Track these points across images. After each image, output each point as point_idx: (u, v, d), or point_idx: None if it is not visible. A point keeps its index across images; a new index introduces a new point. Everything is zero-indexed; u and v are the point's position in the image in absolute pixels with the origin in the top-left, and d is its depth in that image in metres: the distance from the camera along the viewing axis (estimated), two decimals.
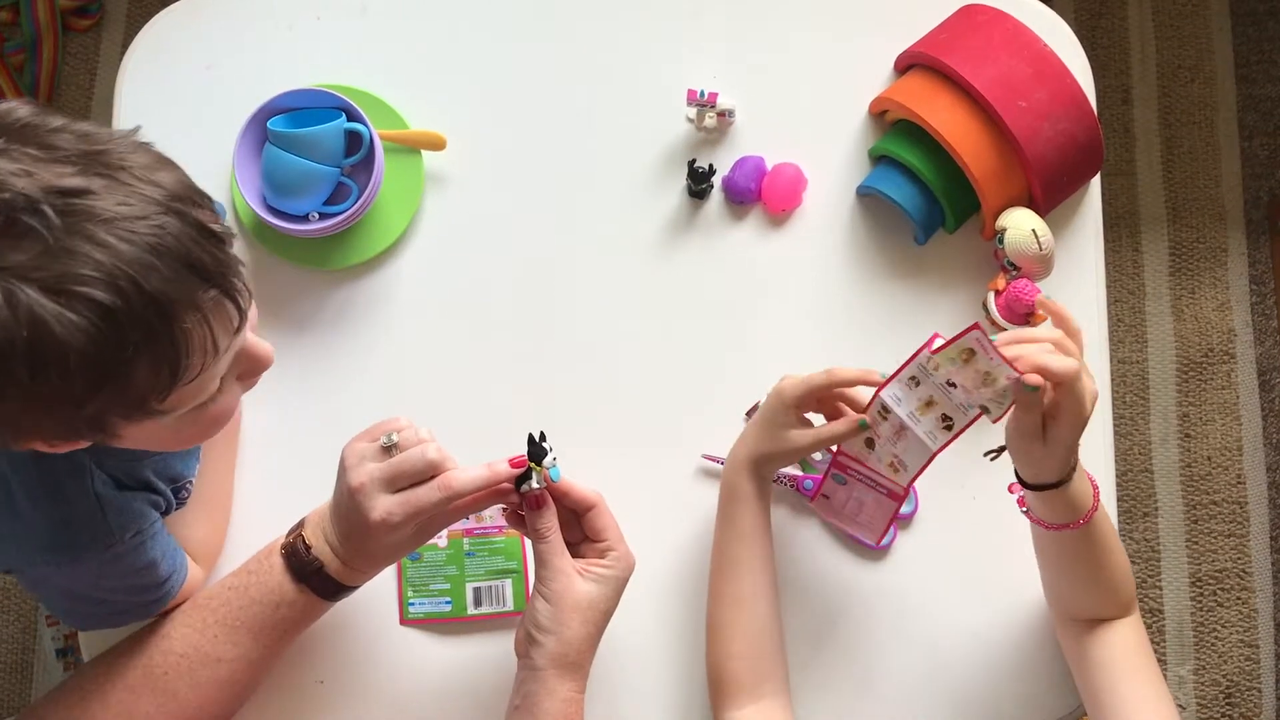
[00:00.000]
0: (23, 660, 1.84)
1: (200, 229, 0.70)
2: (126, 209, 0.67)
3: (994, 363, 0.87)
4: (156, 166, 0.71)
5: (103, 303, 0.65)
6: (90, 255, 0.65)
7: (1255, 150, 1.97)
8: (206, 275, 0.70)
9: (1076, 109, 1.06)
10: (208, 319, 0.71)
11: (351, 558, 0.93)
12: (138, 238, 0.66)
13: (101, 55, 2.03)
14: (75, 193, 0.66)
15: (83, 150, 0.68)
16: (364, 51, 1.18)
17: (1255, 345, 1.91)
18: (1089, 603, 0.98)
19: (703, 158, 1.13)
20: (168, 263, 0.68)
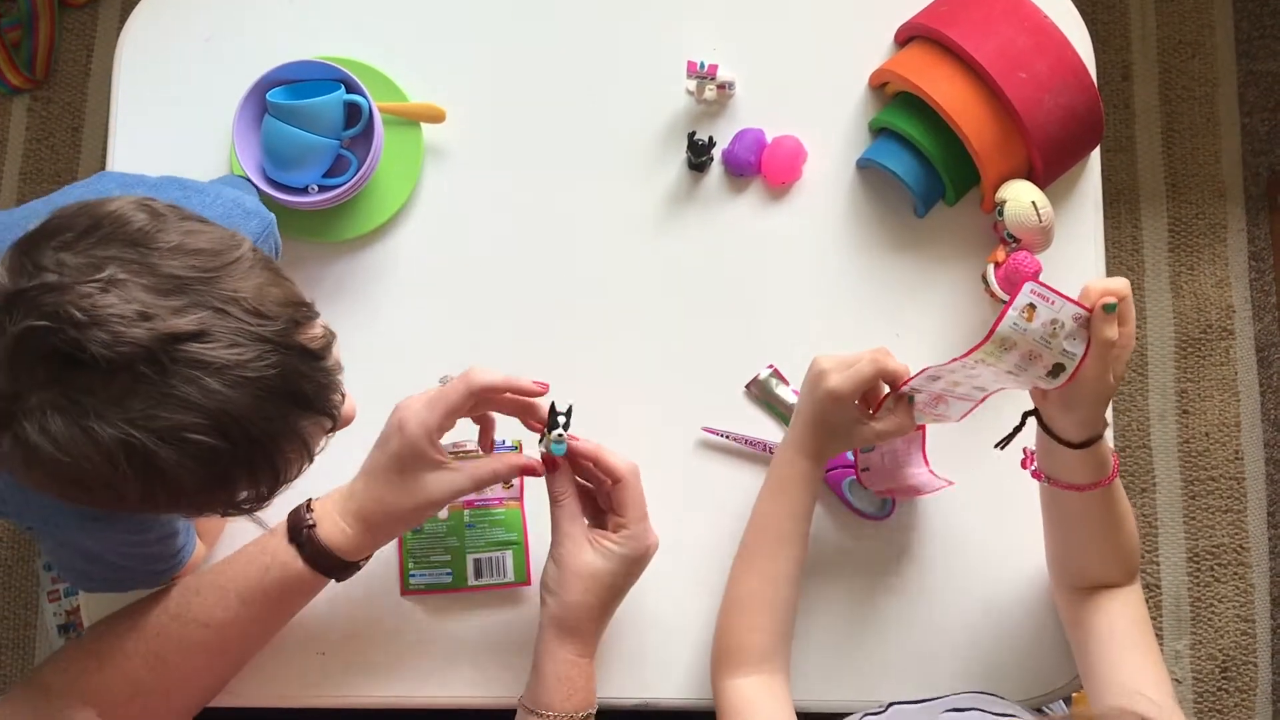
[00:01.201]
0: (24, 636, 1.85)
1: (305, 355, 0.73)
2: (236, 354, 0.69)
3: (1053, 306, 0.86)
4: (267, 287, 0.72)
5: (213, 446, 0.69)
6: (201, 404, 0.68)
7: (1255, 126, 1.96)
8: (308, 404, 0.74)
9: (1077, 81, 1.06)
10: (306, 441, 0.75)
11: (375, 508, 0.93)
12: (248, 384, 0.69)
13: (99, 30, 2.02)
14: (189, 337, 0.67)
15: (196, 277, 0.69)
16: (363, 23, 1.18)
17: (1254, 321, 1.91)
18: (1099, 566, 0.99)
19: (702, 130, 1.13)
20: (274, 402, 0.70)
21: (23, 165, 1.98)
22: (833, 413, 0.97)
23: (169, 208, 0.73)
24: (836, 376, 0.96)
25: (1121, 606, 0.98)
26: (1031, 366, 0.88)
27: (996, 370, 0.90)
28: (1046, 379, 0.89)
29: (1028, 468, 0.98)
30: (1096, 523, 0.97)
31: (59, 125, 1.99)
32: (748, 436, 1.09)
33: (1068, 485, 0.95)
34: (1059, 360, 0.88)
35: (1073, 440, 0.93)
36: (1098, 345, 0.88)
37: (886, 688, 1.06)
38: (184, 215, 0.73)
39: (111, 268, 0.68)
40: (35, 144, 1.99)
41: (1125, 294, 0.88)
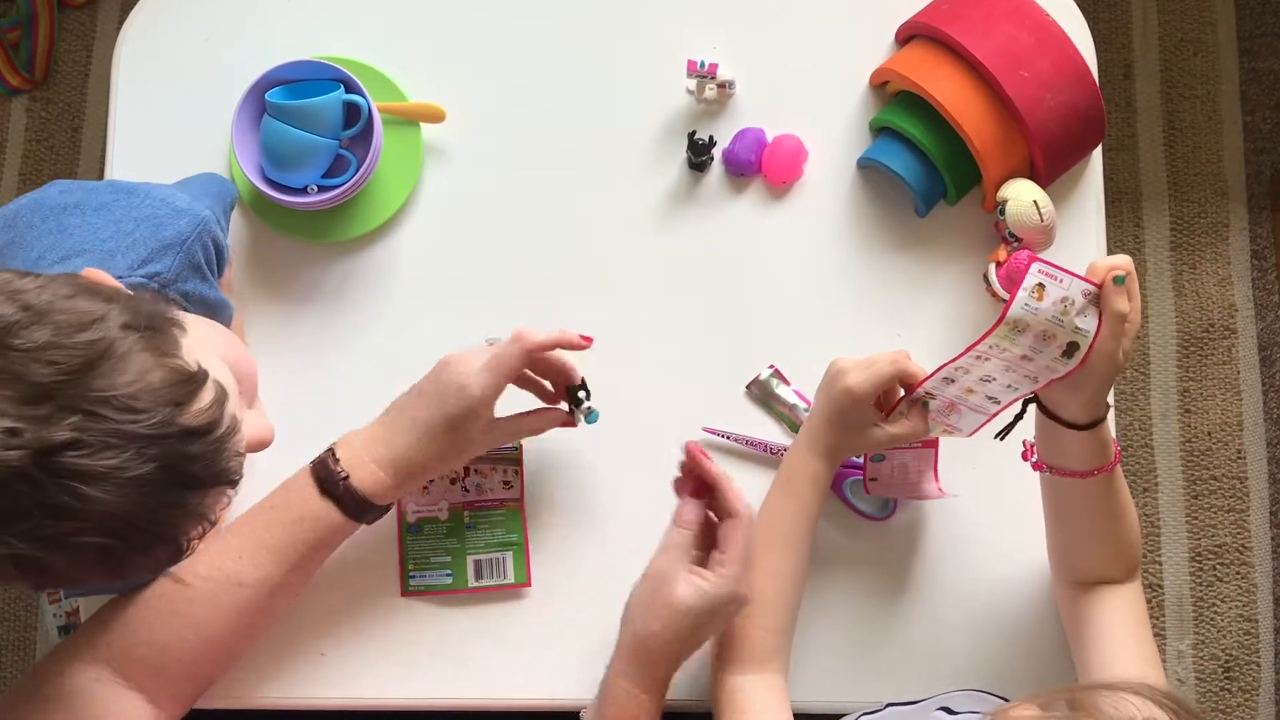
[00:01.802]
0: (24, 638, 1.84)
1: (190, 436, 0.69)
2: (111, 459, 0.66)
3: (1061, 284, 0.86)
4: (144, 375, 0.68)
5: (101, 544, 0.67)
6: (82, 509, 0.66)
7: (1257, 124, 1.96)
8: (199, 483, 0.71)
9: (1078, 79, 1.05)
10: (203, 513, 0.73)
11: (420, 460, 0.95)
12: (128, 484, 0.66)
13: (98, 30, 2.01)
14: (61, 448, 0.65)
15: (64, 379, 0.66)
16: (362, 23, 1.17)
17: (1256, 320, 1.91)
18: (1100, 560, 0.98)
19: (703, 129, 1.13)
20: (159, 493, 0.68)
21: (22, 166, 1.98)
22: (849, 412, 0.97)
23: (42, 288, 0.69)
24: (855, 375, 0.96)
25: (1121, 603, 0.97)
26: (1046, 348, 0.88)
27: (1010, 360, 0.89)
28: (1061, 360, 0.88)
29: (1029, 459, 0.98)
30: (1098, 513, 0.96)
31: (58, 126, 1.99)
32: (749, 437, 1.09)
33: (1070, 473, 0.94)
34: (1073, 339, 0.87)
35: (1078, 421, 0.92)
36: (1111, 319, 0.87)
37: (887, 687, 1.05)
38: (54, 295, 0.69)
39: None
40: (34, 144, 1.99)
41: (1130, 269, 0.88)
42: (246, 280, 1.12)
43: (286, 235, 1.12)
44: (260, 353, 1.11)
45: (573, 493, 1.09)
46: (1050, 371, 0.89)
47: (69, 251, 0.86)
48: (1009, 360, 0.90)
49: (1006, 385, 0.92)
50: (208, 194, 1.01)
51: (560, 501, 1.08)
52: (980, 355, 0.90)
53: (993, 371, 0.92)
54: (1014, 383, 0.92)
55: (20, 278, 0.69)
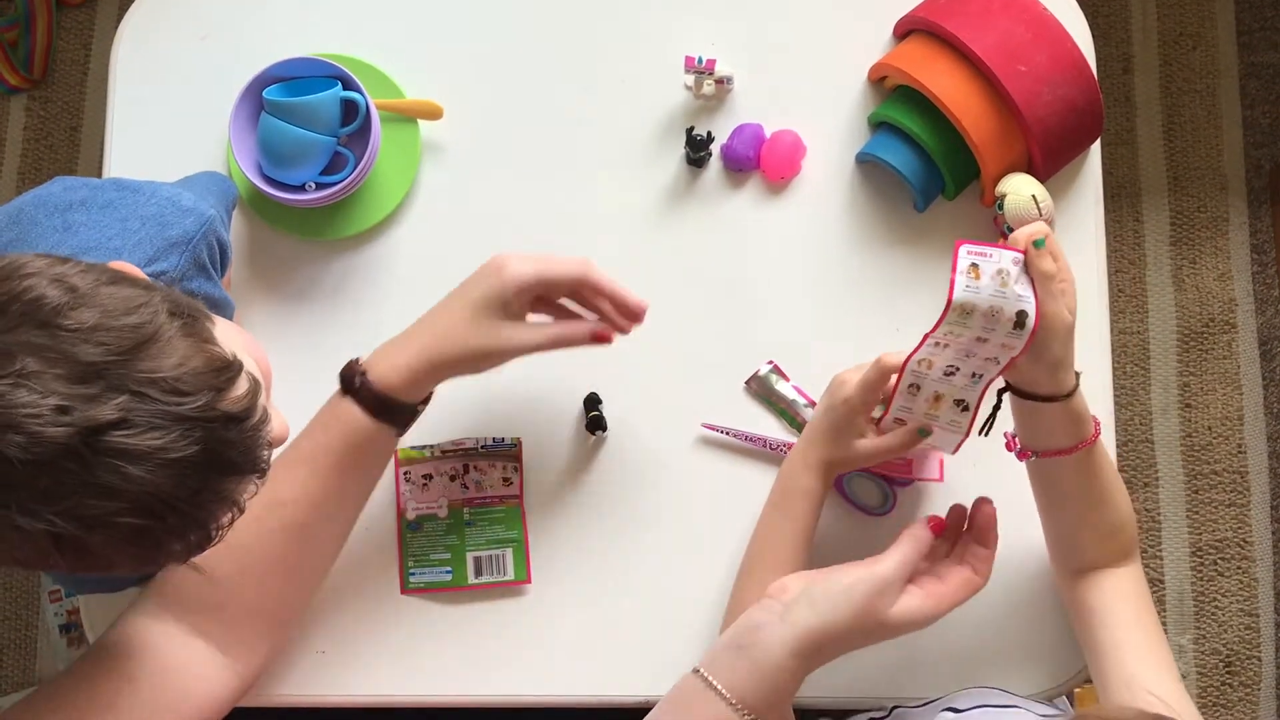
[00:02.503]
0: (26, 636, 1.85)
1: (229, 422, 0.71)
2: (157, 439, 0.67)
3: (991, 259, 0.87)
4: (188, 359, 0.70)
5: (141, 525, 0.68)
6: (125, 489, 0.66)
7: (1257, 118, 1.96)
8: (235, 469, 0.72)
9: (1077, 73, 1.05)
10: (235, 499, 0.73)
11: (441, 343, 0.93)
12: (171, 465, 0.67)
13: (96, 29, 2.02)
14: (109, 426, 0.66)
15: (112, 360, 0.67)
16: (360, 20, 1.17)
17: (1256, 315, 1.91)
18: (1094, 544, 0.98)
19: (701, 125, 1.13)
20: (200, 476, 0.69)
21: (20, 165, 1.98)
22: (845, 424, 0.97)
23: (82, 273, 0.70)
24: (849, 386, 0.97)
25: (1121, 586, 0.97)
26: (998, 324, 0.87)
27: (968, 345, 0.89)
28: (1015, 333, 0.87)
29: (1012, 450, 0.97)
30: (1086, 493, 0.96)
31: (57, 125, 1.99)
32: (748, 433, 1.09)
33: (1054, 452, 0.93)
34: (1019, 307, 0.87)
35: (1054, 393, 0.91)
36: (1041, 280, 0.87)
37: (888, 684, 1.06)
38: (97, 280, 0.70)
39: (24, 358, 0.65)
40: (33, 143, 1.99)
41: (1048, 231, 0.89)
42: (244, 277, 1.12)
43: (284, 232, 1.12)
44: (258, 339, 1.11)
45: (572, 489, 1.09)
46: (1008, 350, 0.89)
47: (75, 249, 0.87)
48: (967, 346, 0.90)
49: (971, 375, 0.92)
50: (210, 193, 1.01)
51: (560, 498, 1.08)
52: (938, 342, 0.90)
53: (954, 360, 0.91)
54: (978, 369, 0.91)
55: (61, 263, 0.71)
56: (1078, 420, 0.92)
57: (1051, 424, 0.93)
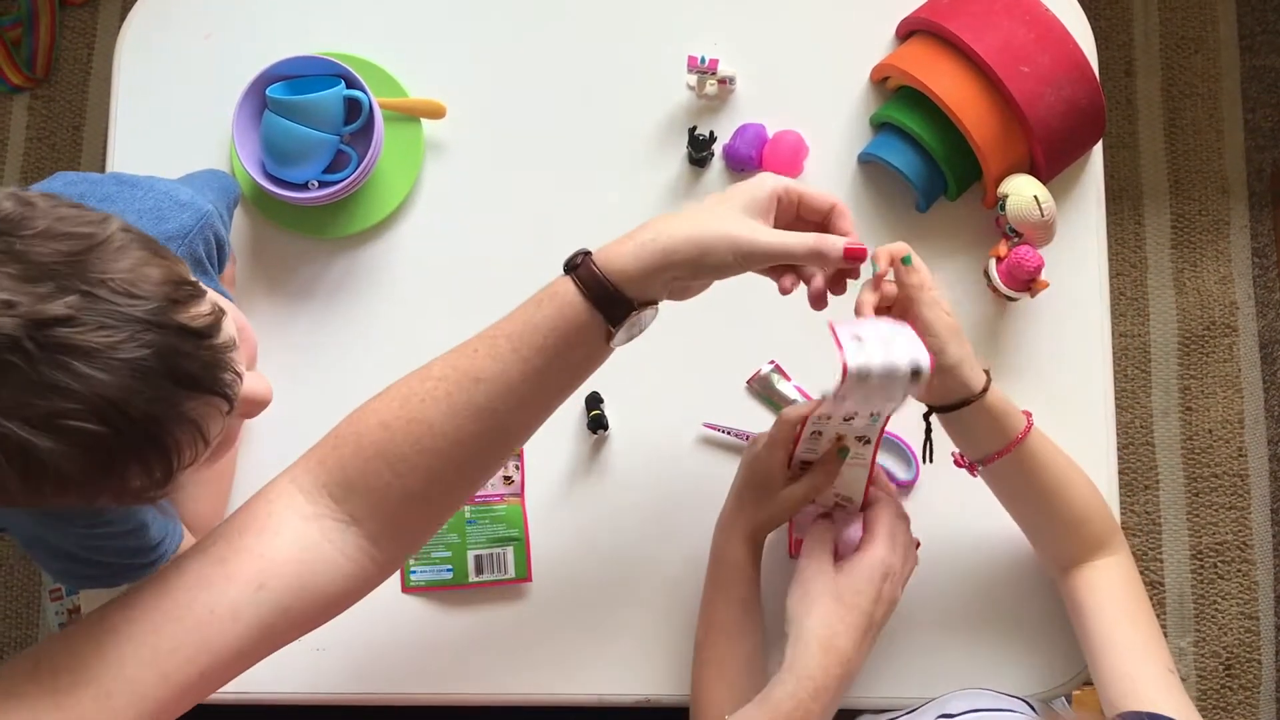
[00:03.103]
0: (27, 635, 1.85)
1: (186, 334, 0.70)
2: (107, 337, 0.66)
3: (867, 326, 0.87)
4: (141, 265, 0.70)
5: (90, 431, 0.66)
6: (74, 388, 0.65)
7: (1258, 122, 1.96)
8: (194, 383, 0.71)
9: (1079, 74, 1.05)
10: (197, 422, 0.72)
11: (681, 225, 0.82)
12: (121, 365, 0.66)
13: (99, 28, 2.02)
14: (56, 322, 0.65)
15: (63, 260, 0.67)
16: (363, 19, 1.17)
17: (1257, 318, 1.91)
18: (1058, 538, 0.99)
19: (703, 125, 1.13)
20: (153, 383, 0.68)
21: (24, 164, 1.99)
22: (761, 475, 0.96)
23: (42, 196, 0.71)
24: (763, 450, 0.96)
25: (1106, 579, 0.97)
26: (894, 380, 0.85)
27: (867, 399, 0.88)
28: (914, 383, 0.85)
29: (962, 466, 0.99)
30: (1036, 489, 0.96)
31: (60, 124, 1.99)
32: (749, 432, 1.09)
33: (994, 456, 0.94)
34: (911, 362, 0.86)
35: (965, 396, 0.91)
36: (914, 292, 0.90)
37: (887, 684, 1.06)
38: (57, 203, 0.71)
39: None
40: (36, 142, 1.99)
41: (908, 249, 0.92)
42: (248, 275, 1.12)
43: (287, 230, 1.12)
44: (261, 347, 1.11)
45: (574, 488, 1.09)
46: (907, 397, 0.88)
47: None
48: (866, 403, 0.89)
49: (870, 415, 0.92)
50: (211, 189, 1.01)
51: (561, 497, 1.08)
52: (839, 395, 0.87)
53: (853, 409, 0.91)
54: (876, 409, 0.91)
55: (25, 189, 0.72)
56: (1002, 417, 0.93)
57: (978, 429, 0.93)
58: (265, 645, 0.80)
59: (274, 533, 0.80)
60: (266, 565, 0.79)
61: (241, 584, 0.78)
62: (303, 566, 0.80)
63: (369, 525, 0.82)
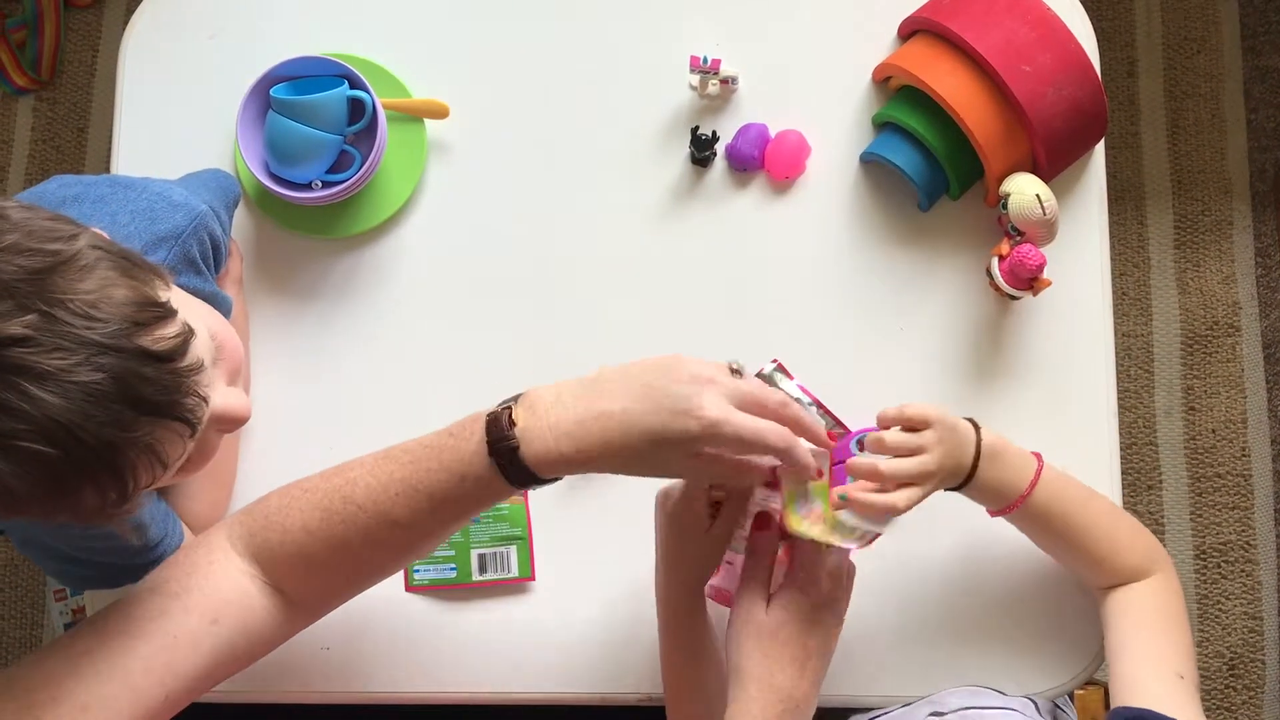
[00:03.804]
0: (31, 635, 1.85)
1: (146, 358, 0.69)
2: (60, 360, 0.66)
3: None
4: (107, 286, 0.69)
5: (40, 452, 0.66)
6: (24, 410, 0.65)
7: (1261, 122, 1.96)
8: (152, 408, 0.70)
9: (1081, 73, 1.05)
10: (153, 447, 0.71)
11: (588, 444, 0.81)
12: (74, 389, 0.66)
13: (104, 29, 2.02)
14: (11, 342, 0.65)
15: (26, 278, 0.67)
16: (367, 19, 1.18)
17: (1260, 318, 1.91)
18: (1089, 572, 1.00)
19: (706, 125, 1.13)
20: (107, 408, 0.67)
21: (28, 166, 1.99)
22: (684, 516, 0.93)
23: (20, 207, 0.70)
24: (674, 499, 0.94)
25: (1137, 594, 0.98)
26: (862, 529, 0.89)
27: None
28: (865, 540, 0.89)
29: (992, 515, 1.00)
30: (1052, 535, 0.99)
31: (64, 125, 2.00)
32: None
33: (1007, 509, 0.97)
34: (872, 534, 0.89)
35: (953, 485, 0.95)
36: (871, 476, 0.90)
37: (887, 683, 1.06)
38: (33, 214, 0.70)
39: None
40: (40, 144, 1.99)
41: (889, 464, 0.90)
42: (250, 275, 1.13)
43: (291, 231, 1.13)
44: (264, 347, 1.11)
45: (576, 486, 1.09)
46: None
47: None
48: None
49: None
50: (208, 189, 1.01)
51: (564, 496, 1.09)
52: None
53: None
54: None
55: (6, 200, 0.71)
56: (997, 488, 0.95)
57: (979, 497, 0.96)
58: (211, 678, 0.88)
59: (219, 578, 0.88)
60: (218, 604, 0.87)
61: (198, 616, 0.86)
62: (245, 611, 0.88)
63: (289, 596, 0.91)
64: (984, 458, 0.93)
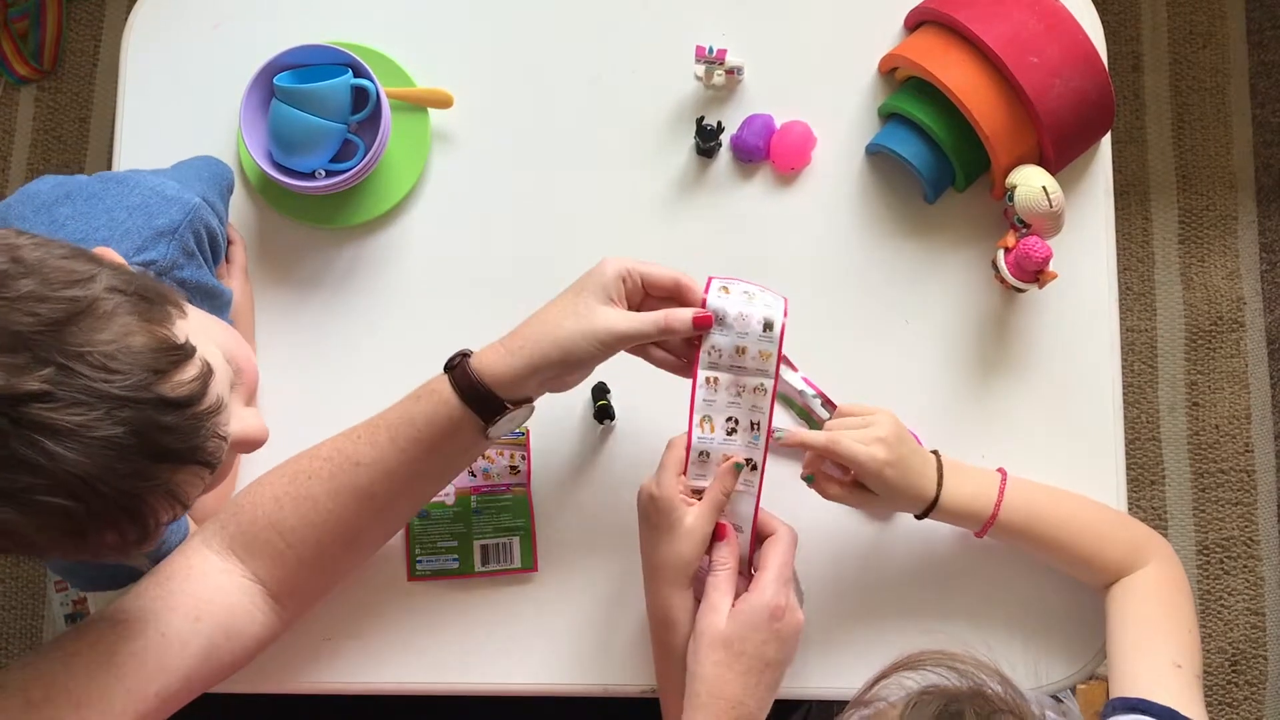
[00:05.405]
0: (32, 626, 1.85)
1: (166, 406, 0.69)
2: (80, 416, 0.65)
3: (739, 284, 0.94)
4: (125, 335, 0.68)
5: (61, 505, 0.66)
6: (44, 465, 0.65)
7: (1267, 117, 1.95)
8: (171, 456, 0.70)
9: (1088, 65, 1.05)
10: (173, 491, 0.71)
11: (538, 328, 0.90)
12: (94, 444, 0.65)
13: (106, 19, 2.02)
14: (30, 398, 0.64)
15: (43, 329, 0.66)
16: (371, 8, 1.17)
17: (1265, 313, 1.90)
18: (1082, 572, 1.01)
19: (711, 115, 1.13)
20: (127, 460, 0.67)
21: (30, 156, 1.99)
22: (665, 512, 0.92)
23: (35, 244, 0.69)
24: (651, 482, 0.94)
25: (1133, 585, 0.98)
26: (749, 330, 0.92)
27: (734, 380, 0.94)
28: (766, 335, 0.93)
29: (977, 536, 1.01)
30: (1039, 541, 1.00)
31: (66, 116, 1.99)
32: None
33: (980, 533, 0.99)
34: (765, 314, 0.93)
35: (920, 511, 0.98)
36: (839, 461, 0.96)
37: None
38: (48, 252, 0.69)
39: None
40: (42, 134, 1.99)
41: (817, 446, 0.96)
42: (254, 265, 1.12)
43: (294, 220, 1.12)
44: (267, 337, 1.11)
45: (579, 477, 1.09)
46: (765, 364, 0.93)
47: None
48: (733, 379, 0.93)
49: (750, 428, 0.94)
50: (200, 179, 1.01)
51: (567, 486, 1.08)
52: (708, 379, 0.93)
53: (728, 407, 0.94)
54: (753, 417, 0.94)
55: (19, 235, 0.70)
56: (968, 506, 0.98)
57: (952, 519, 0.99)
58: (201, 678, 0.89)
59: (199, 579, 0.90)
60: (199, 603, 0.88)
61: (182, 615, 0.87)
62: (226, 610, 0.90)
63: (270, 585, 0.92)
64: (947, 478, 0.97)
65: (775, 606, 0.89)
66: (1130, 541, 1.00)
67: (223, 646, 0.89)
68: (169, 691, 0.85)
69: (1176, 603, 0.97)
